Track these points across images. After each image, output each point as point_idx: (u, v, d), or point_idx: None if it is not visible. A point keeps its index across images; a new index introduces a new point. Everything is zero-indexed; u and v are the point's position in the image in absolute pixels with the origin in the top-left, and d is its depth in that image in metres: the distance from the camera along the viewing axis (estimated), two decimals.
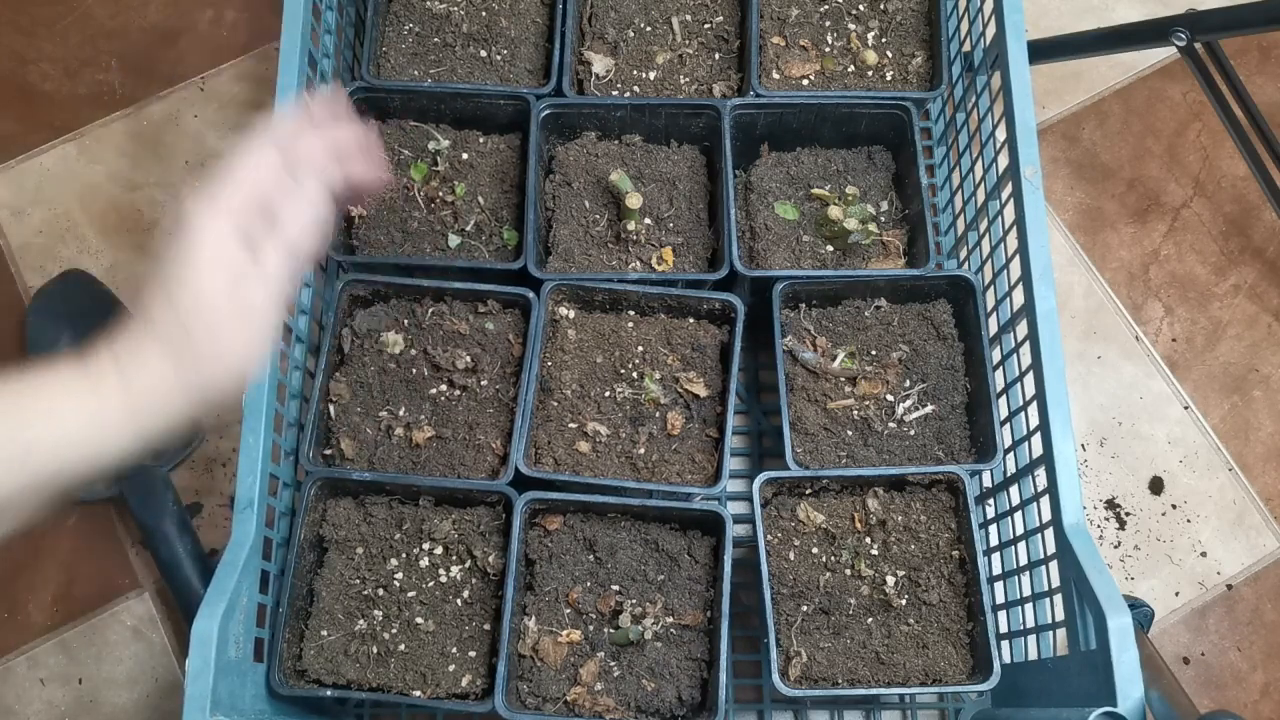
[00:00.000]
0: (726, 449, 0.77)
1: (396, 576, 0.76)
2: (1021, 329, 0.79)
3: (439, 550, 0.77)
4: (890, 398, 0.82)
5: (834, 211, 0.84)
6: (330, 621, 0.75)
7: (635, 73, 0.91)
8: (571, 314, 0.83)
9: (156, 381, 0.53)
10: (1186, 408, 0.99)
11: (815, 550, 0.78)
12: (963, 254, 0.93)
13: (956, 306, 0.85)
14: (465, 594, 0.76)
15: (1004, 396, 0.82)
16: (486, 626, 0.75)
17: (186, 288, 0.53)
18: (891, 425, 0.82)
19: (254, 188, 0.56)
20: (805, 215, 0.87)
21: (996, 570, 0.83)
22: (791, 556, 0.78)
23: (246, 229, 0.54)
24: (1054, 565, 0.72)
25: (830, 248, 0.87)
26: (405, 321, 0.82)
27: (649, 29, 0.92)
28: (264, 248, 0.55)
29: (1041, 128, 1.08)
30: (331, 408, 0.80)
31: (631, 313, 0.83)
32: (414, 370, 0.81)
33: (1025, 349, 0.78)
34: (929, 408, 0.82)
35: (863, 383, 0.82)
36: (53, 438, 0.50)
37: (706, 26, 0.93)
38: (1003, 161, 0.83)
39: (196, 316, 0.53)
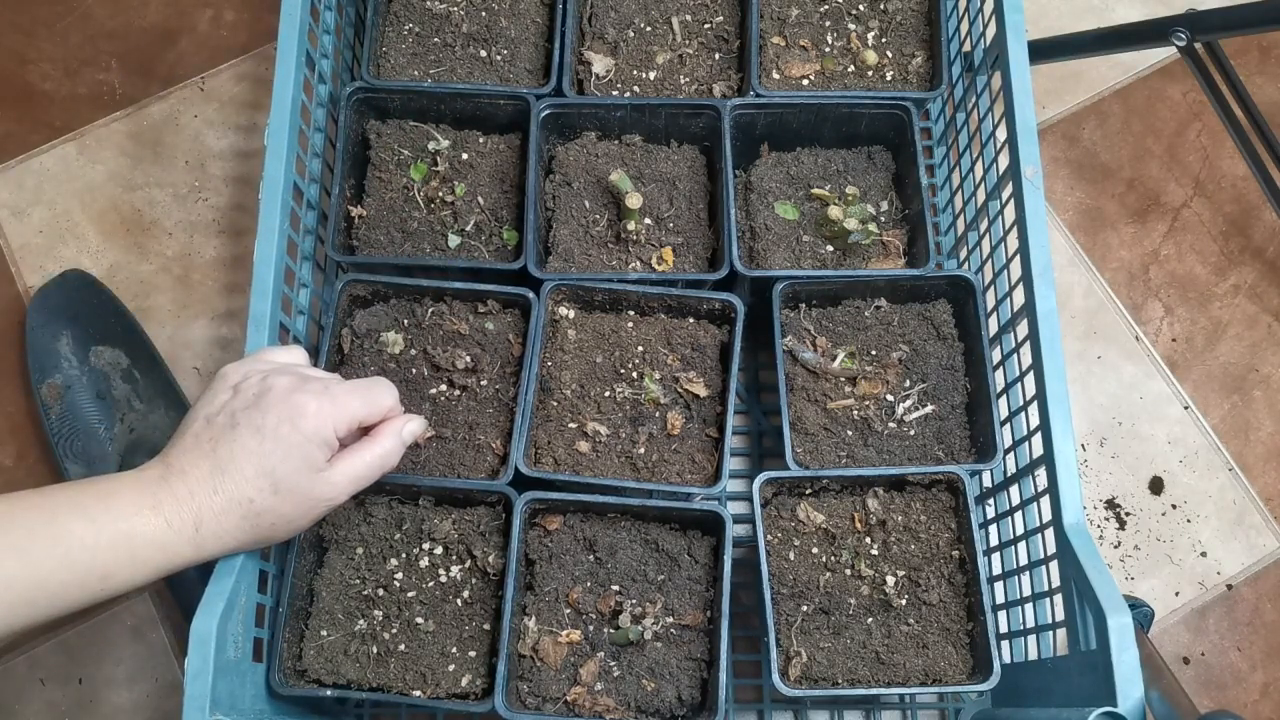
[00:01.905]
0: (726, 449, 0.77)
1: (396, 576, 0.76)
2: (1021, 329, 0.79)
3: (439, 550, 0.77)
4: (890, 398, 0.82)
5: (834, 211, 0.84)
6: (330, 621, 0.75)
7: (635, 73, 0.91)
8: (571, 314, 0.83)
9: (228, 541, 0.62)
10: (1186, 408, 0.99)
11: (815, 550, 0.78)
12: (963, 254, 0.93)
13: (956, 306, 0.85)
14: (465, 594, 0.76)
15: (1004, 396, 0.82)
16: (486, 626, 0.75)
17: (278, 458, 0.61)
18: (891, 425, 0.81)
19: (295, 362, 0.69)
20: (805, 215, 0.87)
21: (996, 570, 0.83)
22: (791, 556, 0.78)
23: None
24: (1054, 565, 0.72)
25: (830, 248, 0.87)
26: (405, 321, 0.82)
27: (649, 29, 0.92)
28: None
29: (1041, 128, 1.08)
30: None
31: (631, 313, 0.83)
32: (414, 370, 0.81)
33: (1025, 349, 0.78)
34: (929, 408, 0.82)
35: (863, 383, 0.82)
36: (130, 568, 0.58)
37: (706, 26, 0.93)
38: (1003, 161, 0.83)
39: (280, 493, 0.62)
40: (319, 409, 0.62)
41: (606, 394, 0.81)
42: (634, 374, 0.81)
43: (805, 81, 0.91)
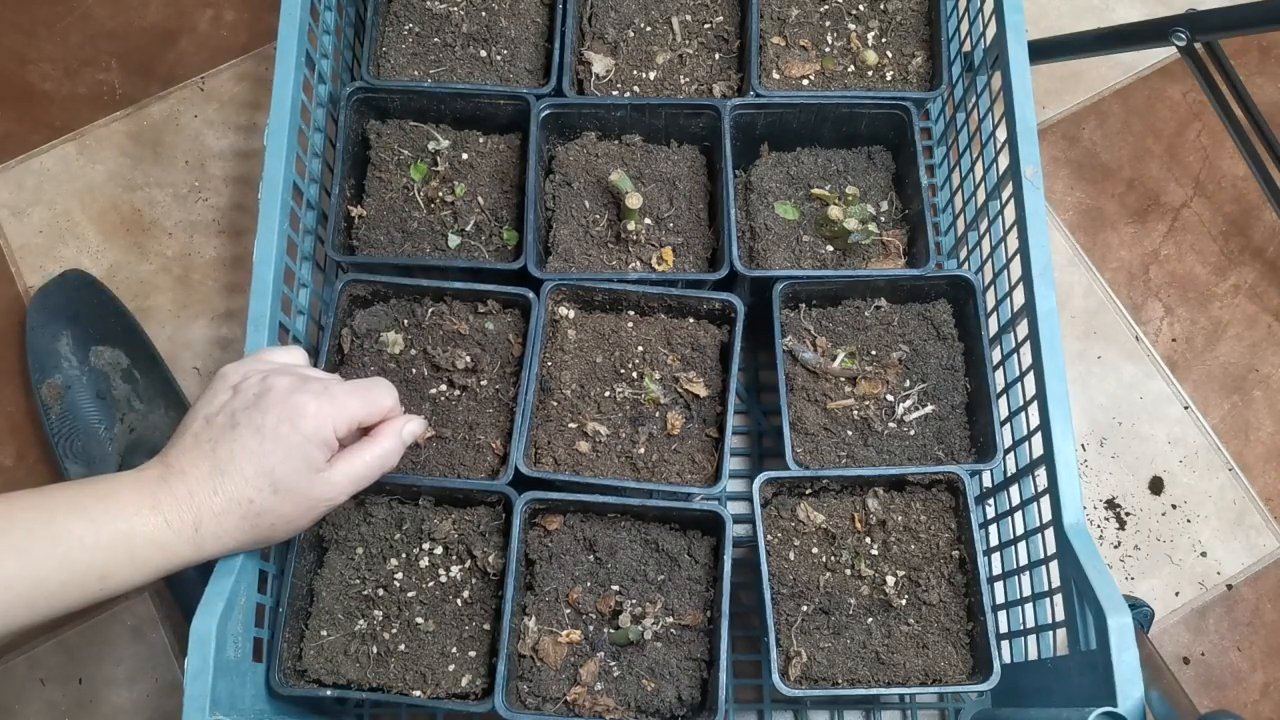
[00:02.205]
0: (726, 449, 0.77)
1: (396, 576, 0.76)
2: (1021, 329, 0.79)
3: (439, 550, 0.77)
4: (890, 398, 0.82)
5: (834, 211, 0.84)
6: (330, 621, 0.75)
7: (635, 73, 0.91)
8: (571, 314, 0.83)
9: (227, 541, 0.62)
10: (1186, 408, 0.99)
11: (815, 550, 0.78)
12: (963, 254, 0.93)
13: (956, 306, 0.85)
14: (465, 594, 0.76)
15: (1004, 396, 0.82)
16: (486, 626, 0.75)
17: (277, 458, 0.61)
18: (891, 425, 0.81)
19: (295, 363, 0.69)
20: (805, 215, 0.87)
21: (996, 570, 0.83)
22: (791, 556, 0.78)
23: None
24: (1054, 565, 0.72)
25: (830, 248, 0.87)
26: (405, 321, 0.82)
27: (649, 29, 0.92)
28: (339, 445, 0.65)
29: (1041, 128, 1.08)
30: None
31: (631, 313, 0.83)
32: (414, 370, 0.81)
33: (1025, 349, 0.78)
34: (929, 408, 0.82)
35: (863, 383, 0.82)
36: (129, 568, 0.58)
37: (706, 26, 0.93)
38: (1003, 161, 0.83)
39: (280, 493, 0.62)
40: (319, 409, 0.62)
41: (606, 394, 0.81)
42: (634, 374, 0.81)
43: (805, 81, 0.91)
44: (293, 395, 0.62)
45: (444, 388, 0.81)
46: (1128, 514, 0.96)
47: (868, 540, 0.78)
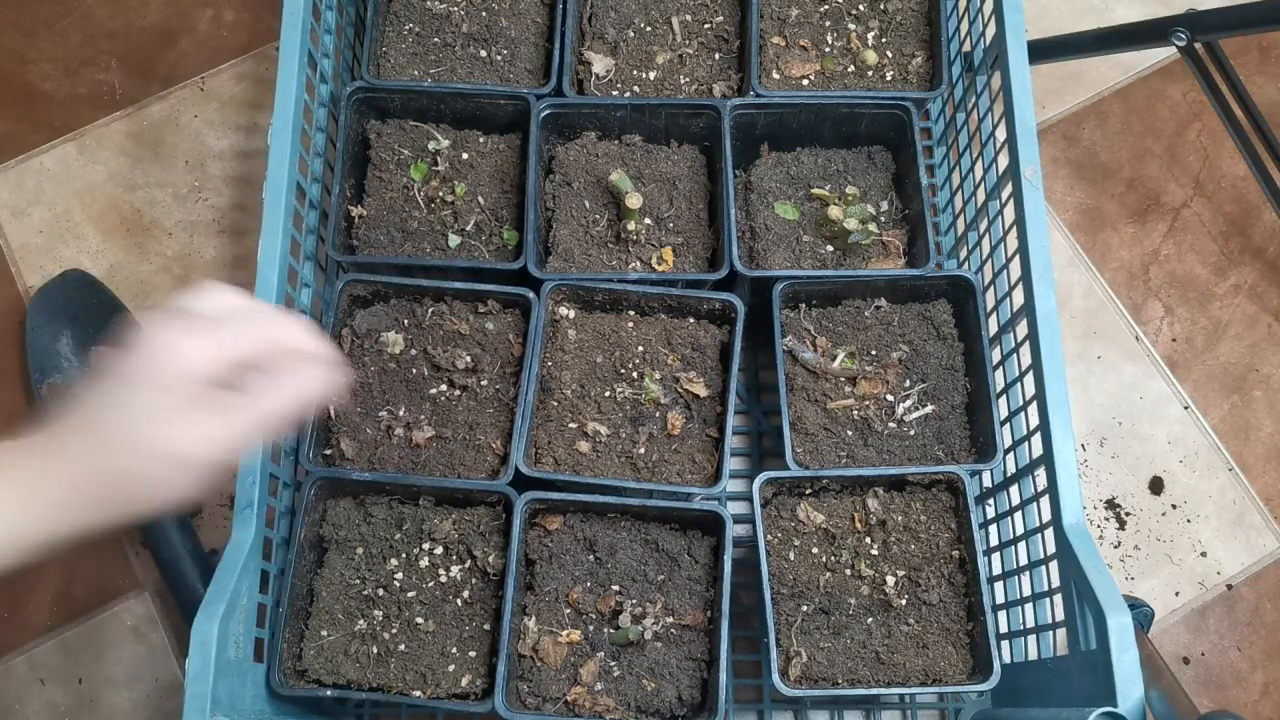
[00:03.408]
0: (726, 449, 0.77)
1: (396, 576, 0.76)
2: (1021, 329, 0.79)
3: (439, 550, 0.77)
4: (890, 398, 0.82)
5: (834, 211, 0.84)
6: (330, 621, 0.75)
7: (635, 73, 0.91)
8: (571, 314, 0.83)
9: (95, 511, 0.51)
10: (1186, 408, 0.99)
11: (815, 550, 0.78)
12: (963, 254, 0.93)
13: (956, 306, 0.85)
14: (465, 594, 0.76)
15: (1004, 396, 0.82)
16: (486, 626, 0.75)
17: (135, 413, 0.50)
18: (891, 425, 0.82)
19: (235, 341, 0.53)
20: (805, 215, 0.87)
21: (996, 570, 0.83)
22: (791, 556, 0.78)
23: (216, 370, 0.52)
24: (1054, 565, 0.72)
25: (830, 248, 0.87)
26: (405, 321, 0.82)
27: (649, 29, 0.92)
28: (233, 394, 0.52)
29: (1041, 128, 1.08)
30: (331, 408, 0.80)
31: (631, 313, 0.83)
32: (414, 370, 0.81)
33: (1025, 349, 0.78)
34: (929, 408, 0.82)
35: (863, 383, 0.82)
36: None
37: (706, 26, 0.93)
38: (1003, 161, 0.83)
39: (137, 452, 0.50)
40: (185, 348, 0.51)
41: (607, 394, 0.81)
42: (634, 374, 0.81)
43: (805, 81, 0.91)
44: (158, 337, 0.51)
45: (444, 388, 0.81)
46: (1128, 514, 0.96)
47: (868, 540, 0.78)
